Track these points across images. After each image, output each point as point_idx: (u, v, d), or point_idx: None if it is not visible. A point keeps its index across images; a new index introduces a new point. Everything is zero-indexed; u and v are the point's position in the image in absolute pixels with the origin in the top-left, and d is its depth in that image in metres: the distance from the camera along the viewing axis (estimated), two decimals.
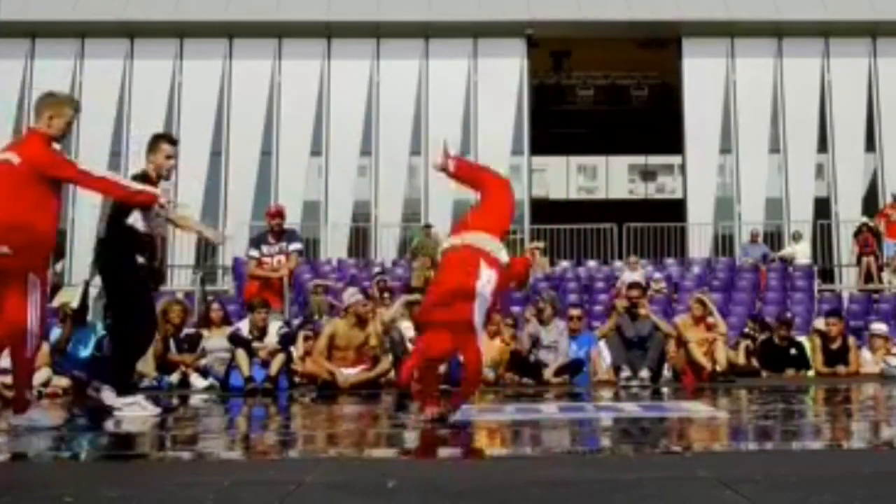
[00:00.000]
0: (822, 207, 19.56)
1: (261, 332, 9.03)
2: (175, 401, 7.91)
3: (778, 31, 19.95)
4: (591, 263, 17.24)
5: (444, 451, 4.39)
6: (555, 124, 22.76)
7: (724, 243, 19.50)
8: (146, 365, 9.28)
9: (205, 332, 9.81)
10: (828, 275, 17.90)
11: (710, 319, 9.92)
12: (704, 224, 19.27)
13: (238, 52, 20.03)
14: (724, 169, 20.31)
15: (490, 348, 9.82)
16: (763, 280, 15.94)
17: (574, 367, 9.86)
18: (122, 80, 19.88)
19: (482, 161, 19.38)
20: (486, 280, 5.04)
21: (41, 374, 8.53)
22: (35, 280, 5.17)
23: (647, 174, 23.99)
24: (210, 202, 19.52)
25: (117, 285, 6.17)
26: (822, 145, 19.86)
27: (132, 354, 6.30)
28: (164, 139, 6.44)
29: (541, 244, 17.61)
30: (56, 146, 5.35)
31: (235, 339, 8.96)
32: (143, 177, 6.22)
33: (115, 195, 5.80)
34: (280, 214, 9.96)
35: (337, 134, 19.75)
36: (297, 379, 9.22)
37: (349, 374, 8.82)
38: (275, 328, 9.08)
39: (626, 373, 9.36)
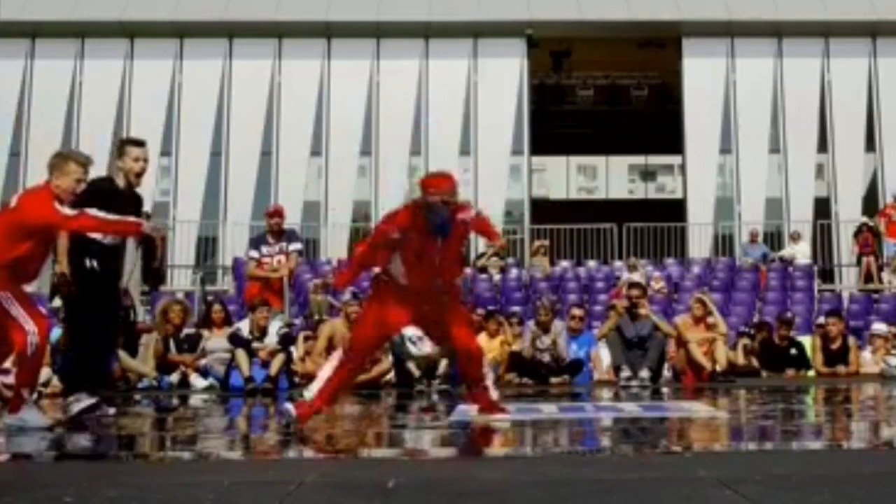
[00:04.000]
0: (822, 207, 19.54)
1: (261, 332, 9.04)
2: (175, 401, 7.91)
3: (778, 31, 19.93)
4: (591, 263, 17.21)
5: (444, 451, 4.39)
6: (555, 124, 22.74)
7: (724, 243, 19.49)
8: (146, 365, 9.29)
9: (205, 333, 9.81)
10: (828, 275, 17.88)
11: (710, 319, 9.92)
12: (704, 224, 19.26)
13: (238, 52, 20.01)
14: (724, 169, 20.29)
15: (490, 348, 9.82)
16: (763, 280, 15.94)
17: (574, 367, 9.86)
18: (122, 80, 19.85)
19: (482, 161, 19.54)
20: None
21: (41, 374, 8.52)
22: (4, 295, 5.15)
23: (647, 174, 24.03)
24: (210, 202, 19.51)
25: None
26: (822, 145, 19.83)
27: (86, 357, 6.10)
28: (131, 143, 6.21)
29: (546, 242, 17.70)
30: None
31: (235, 340, 8.96)
32: (109, 181, 6.05)
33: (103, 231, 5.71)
34: (279, 214, 9.99)
35: (337, 134, 19.73)
36: (297, 379, 9.23)
37: None
38: (275, 328, 9.09)
39: (626, 373, 9.36)
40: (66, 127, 19.53)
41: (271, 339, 9.00)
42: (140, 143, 6.21)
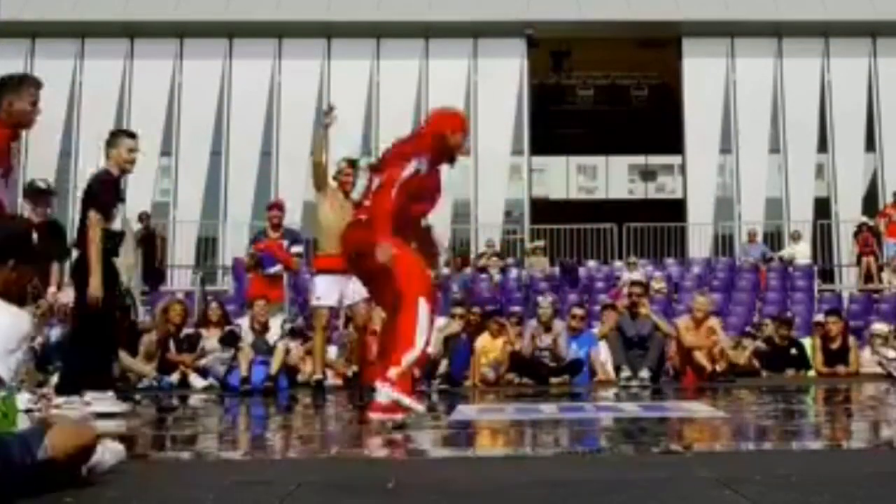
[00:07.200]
0: (822, 207, 19.55)
1: (262, 327, 9.04)
2: (175, 401, 7.91)
3: (778, 31, 19.94)
4: (591, 263, 17.23)
5: (444, 451, 4.39)
6: (555, 124, 22.73)
7: (724, 243, 19.49)
8: (146, 365, 9.28)
9: (204, 332, 9.82)
10: (828, 275, 17.88)
11: (707, 323, 9.92)
12: (704, 224, 19.26)
13: (238, 52, 20.02)
14: (724, 169, 20.29)
15: (492, 348, 9.82)
16: (763, 280, 15.94)
17: (574, 367, 9.85)
18: (122, 80, 19.87)
19: (482, 160, 19.52)
20: None
21: (38, 374, 8.51)
22: None
23: (647, 174, 23.98)
24: (210, 202, 19.52)
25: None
26: (822, 145, 19.85)
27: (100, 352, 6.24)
28: (124, 133, 6.44)
29: (541, 243, 17.70)
30: None
31: (227, 340, 8.99)
32: (105, 175, 6.14)
33: None
34: (278, 207, 10.16)
35: (337, 134, 19.62)
36: (299, 377, 9.23)
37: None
38: (277, 322, 9.11)
39: (626, 373, 9.35)
40: (66, 126, 19.55)
41: (273, 335, 9.00)
42: (133, 135, 6.40)
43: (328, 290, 7.82)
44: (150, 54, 19.81)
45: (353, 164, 8.23)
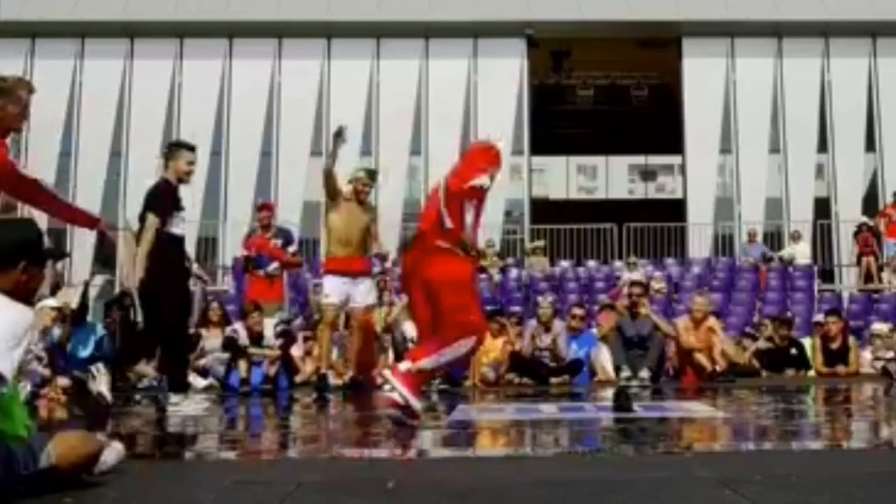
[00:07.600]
0: (822, 207, 19.55)
1: (258, 336, 9.04)
2: (175, 400, 7.90)
3: (778, 31, 19.94)
4: (591, 263, 17.23)
5: (444, 451, 4.39)
6: (555, 124, 22.73)
7: (724, 243, 19.49)
8: (146, 365, 9.26)
9: (203, 332, 9.82)
10: (828, 275, 17.88)
11: (707, 323, 9.92)
12: (704, 224, 19.26)
13: (238, 52, 20.01)
14: (724, 169, 20.29)
15: (492, 348, 9.82)
16: (763, 280, 15.94)
17: (574, 367, 9.85)
18: (122, 80, 19.86)
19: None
20: None
21: (39, 378, 8.51)
22: None
23: (647, 174, 23.96)
24: (210, 202, 19.51)
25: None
26: (822, 145, 19.85)
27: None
28: (185, 147, 6.91)
29: (541, 243, 17.69)
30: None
31: (230, 346, 9.00)
32: (164, 184, 6.62)
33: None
34: (268, 208, 10.25)
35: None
36: (297, 378, 9.23)
37: None
38: (271, 324, 9.10)
39: (626, 373, 9.36)
40: (66, 126, 19.54)
41: (269, 342, 9.00)
42: (192, 148, 6.94)
43: (335, 290, 7.93)
44: (150, 54, 19.81)
45: (371, 175, 8.32)
